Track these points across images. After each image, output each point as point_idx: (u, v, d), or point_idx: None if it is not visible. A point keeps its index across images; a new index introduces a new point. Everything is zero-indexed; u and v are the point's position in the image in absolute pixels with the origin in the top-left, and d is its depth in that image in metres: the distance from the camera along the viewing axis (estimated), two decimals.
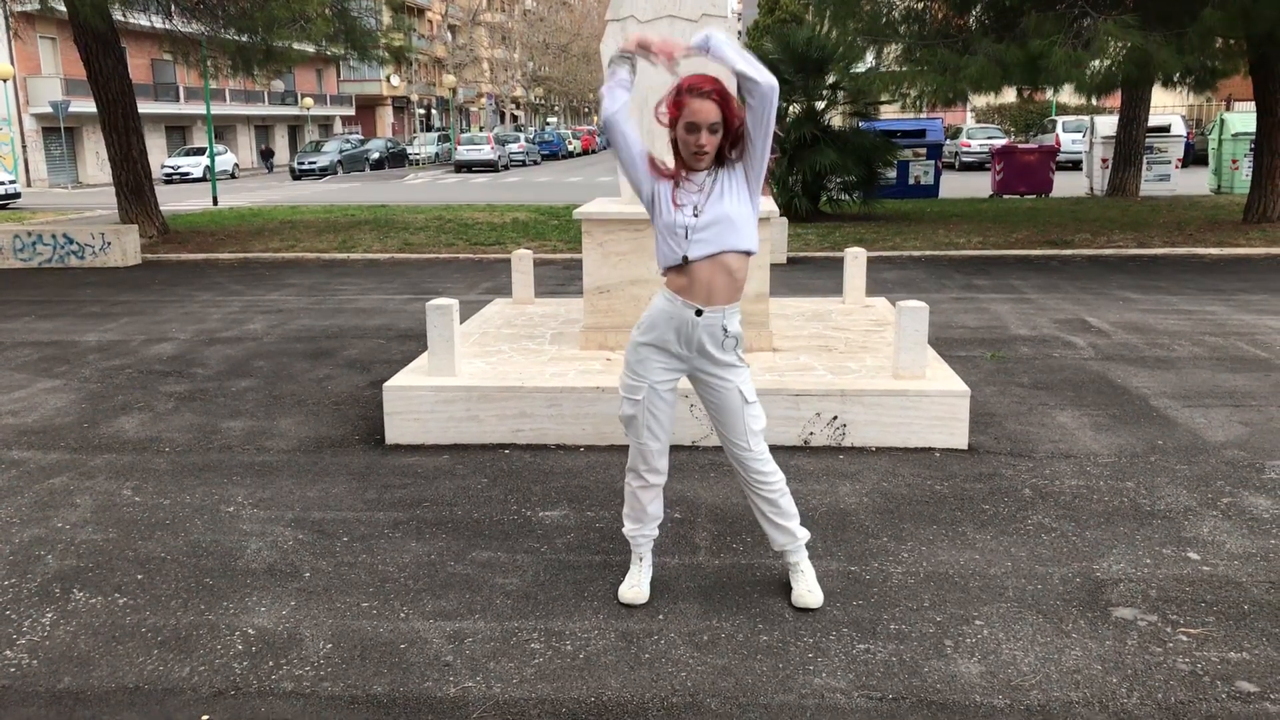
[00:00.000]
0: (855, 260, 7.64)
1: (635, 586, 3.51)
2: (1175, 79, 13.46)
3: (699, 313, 3.20)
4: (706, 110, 3.09)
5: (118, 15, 14.79)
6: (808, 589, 3.46)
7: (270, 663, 3.14)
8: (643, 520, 3.51)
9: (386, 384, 5.40)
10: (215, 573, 3.80)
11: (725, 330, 3.24)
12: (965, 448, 5.08)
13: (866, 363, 5.74)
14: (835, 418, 5.12)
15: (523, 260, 7.95)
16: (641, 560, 3.57)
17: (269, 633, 3.33)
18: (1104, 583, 3.60)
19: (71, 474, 4.93)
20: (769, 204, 6.09)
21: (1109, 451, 5.04)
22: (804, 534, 3.50)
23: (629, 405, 3.35)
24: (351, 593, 3.61)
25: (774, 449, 5.08)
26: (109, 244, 13.23)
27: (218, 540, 4.10)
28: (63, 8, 14.70)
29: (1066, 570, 3.70)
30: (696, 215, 3.17)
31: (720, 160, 3.23)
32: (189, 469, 5.00)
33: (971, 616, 3.37)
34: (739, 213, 3.18)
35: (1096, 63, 11.09)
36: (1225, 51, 13.31)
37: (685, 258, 3.18)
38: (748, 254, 3.23)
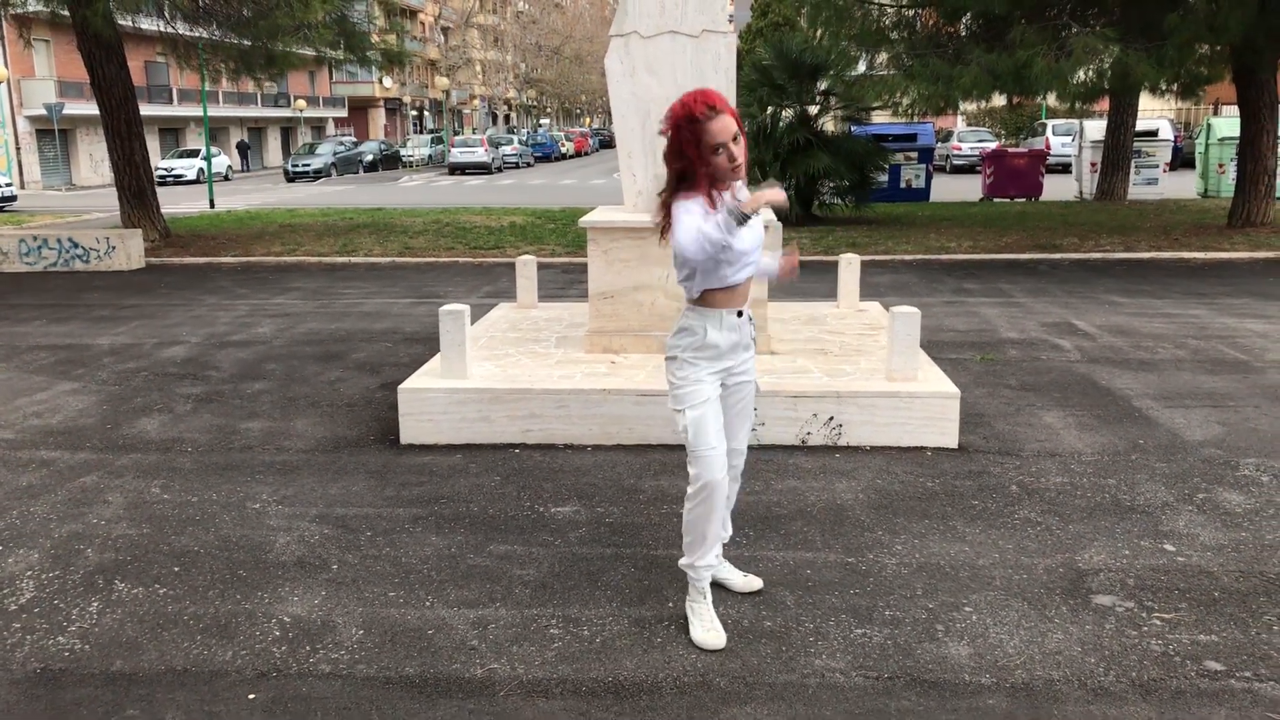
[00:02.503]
0: (849, 266, 7.89)
1: (713, 628, 3.39)
2: (1159, 87, 13.74)
3: (739, 314, 3.35)
4: (726, 126, 3.07)
5: (124, 21, 14.96)
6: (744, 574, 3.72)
7: (307, 647, 3.37)
8: (705, 546, 3.42)
9: (401, 386, 5.62)
10: (248, 565, 4.01)
11: (751, 320, 3.43)
12: (956, 447, 5.32)
13: (861, 365, 5.98)
14: (831, 418, 5.36)
15: (526, 265, 8.18)
16: (706, 596, 3.48)
17: (304, 620, 3.55)
18: (1085, 572, 3.84)
19: (100, 473, 5.15)
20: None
21: (1092, 450, 5.29)
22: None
23: (693, 410, 3.30)
24: (378, 583, 3.84)
25: (772, 448, 5.34)
26: (113, 248, 13.41)
27: (247, 535, 4.32)
28: (66, 12, 14.88)
29: (1050, 561, 3.94)
30: (732, 234, 3.11)
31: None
32: (213, 468, 5.22)
33: (961, 604, 3.60)
34: (760, 237, 3.34)
35: (1081, 73, 11.39)
36: (1210, 59, 13.61)
37: (737, 281, 3.29)
38: None
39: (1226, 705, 2.96)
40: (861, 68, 16.04)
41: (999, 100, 15.94)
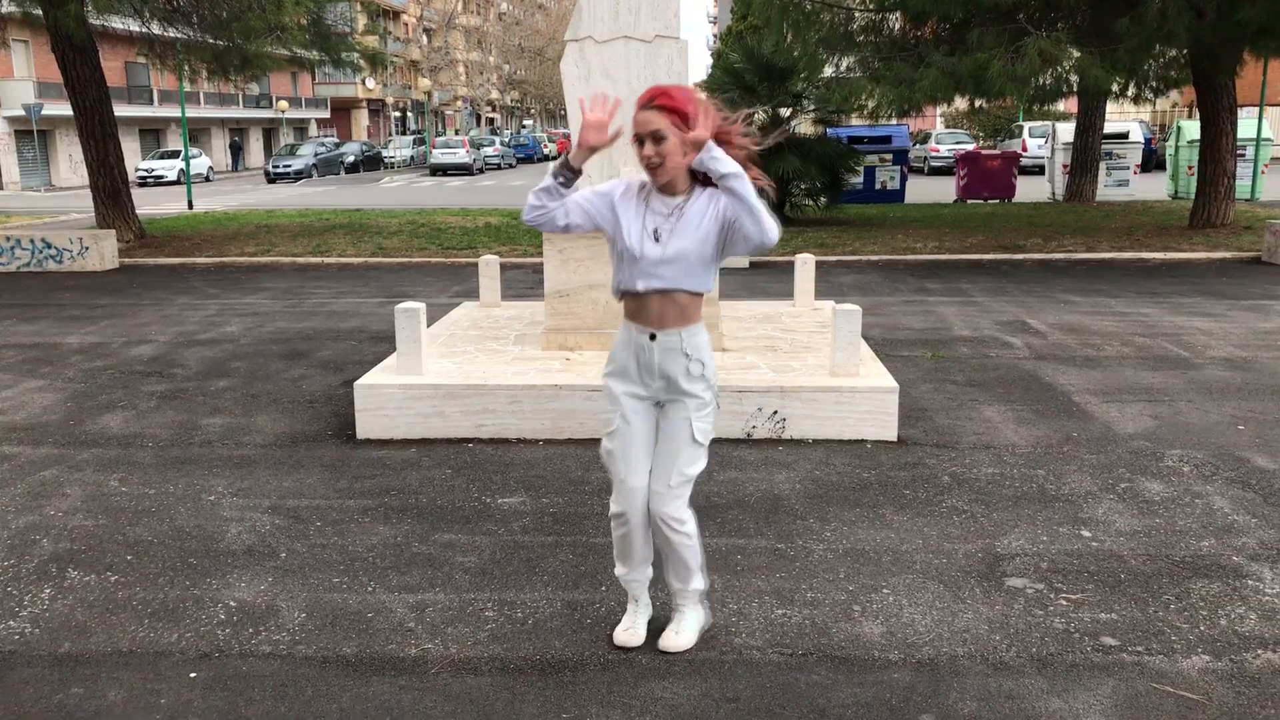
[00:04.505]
0: (804, 266, 8.06)
1: (630, 629, 3.38)
2: (1115, 90, 13.98)
3: (653, 337, 3.10)
4: (645, 120, 2.97)
5: (96, 21, 15.01)
6: (676, 631, 3.34)
7: (250, 630, 3.51)
8: (630, 563, 3.34)
9: (357, 382, 5.76)
10: (199, 554, 4.15)
11: (688, 355, 3.10)
12: (895, 439, 5.50)
13: (808, 362, 6.15)
14: (775, 412, 5.52)
15: (490, 265, 8.32)
16: (637, 601, 3.43)
17: (249, 604, 3.69)
18: (1002, 557, 4.02)
19: (61, 467, 5.27)
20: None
21: (1026, 443, 5.47)
22: (700, 584, 3.35)
23: (606, 439, 3.22)
24: (324, 570, 3.98)
25: (718, 441, 5.49)
26: (87, 249, 13.48)
27: (200, 525, 4.45)
28: (38, 12, 14.92)
29: (970, 546, 4.12)
30: (658, 241, 3.03)
31: (694, 180, 3.09)
32: (172, 462, 5.34)
33: (880, 586, 3.77)
34: (701, 254, 3.05)
35: (1038, 76, 11.63)
36: (1170, 63, 13.86)
37: (637, 290, 3.08)
38: (700, 294, 3.12)
39: (1115, 677, 3.13)
40: (829, 71, 16.24)
41: (961, 103, 16.16)
